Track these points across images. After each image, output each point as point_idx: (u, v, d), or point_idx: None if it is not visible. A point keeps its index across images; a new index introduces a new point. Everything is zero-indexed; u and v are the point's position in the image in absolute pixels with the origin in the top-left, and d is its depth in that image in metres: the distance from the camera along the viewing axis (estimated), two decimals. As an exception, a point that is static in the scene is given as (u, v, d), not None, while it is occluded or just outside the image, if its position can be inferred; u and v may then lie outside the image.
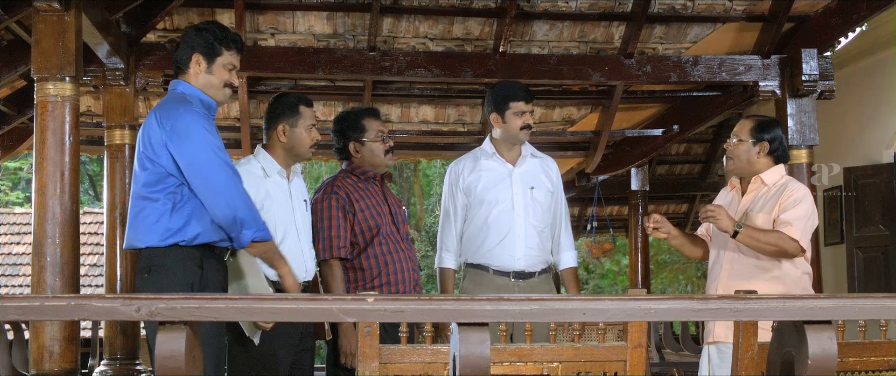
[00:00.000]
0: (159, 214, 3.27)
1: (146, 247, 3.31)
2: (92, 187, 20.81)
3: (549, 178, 4.56)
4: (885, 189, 8.01)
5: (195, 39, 3.45)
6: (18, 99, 6.77)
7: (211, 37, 3.45)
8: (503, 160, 4.50)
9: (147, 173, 3.31)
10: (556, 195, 4.58)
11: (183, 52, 3.46)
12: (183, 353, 1.81)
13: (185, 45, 3.47)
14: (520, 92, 4.47)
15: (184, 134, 3.26)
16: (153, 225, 3.28)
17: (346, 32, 6.35)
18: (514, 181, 4.46)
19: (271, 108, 4.01)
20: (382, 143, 4.31)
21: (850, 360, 3.00)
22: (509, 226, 4.40)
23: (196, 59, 3.43)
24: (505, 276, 4.39)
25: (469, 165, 4.52)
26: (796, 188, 3.97)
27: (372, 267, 4.22)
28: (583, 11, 6.39)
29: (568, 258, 4.60)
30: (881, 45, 8.08)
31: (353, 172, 4.31)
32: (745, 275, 3.92)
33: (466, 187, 4.48)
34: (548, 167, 4.60)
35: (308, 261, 4.00)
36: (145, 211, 3.30)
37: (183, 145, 3.26)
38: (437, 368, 2.82)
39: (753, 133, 4.04)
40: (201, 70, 3.44)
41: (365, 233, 4.20)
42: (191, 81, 3.44)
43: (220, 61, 3.45)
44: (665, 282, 17.67)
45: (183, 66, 3.45)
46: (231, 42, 3.49)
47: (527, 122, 4.45)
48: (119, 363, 5.73)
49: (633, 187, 9.30)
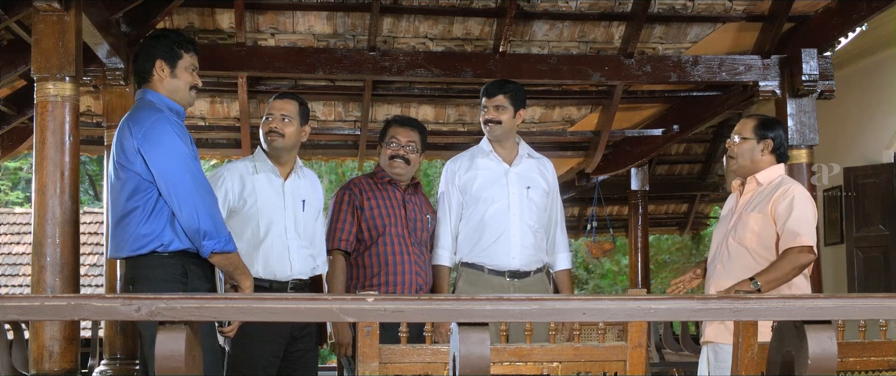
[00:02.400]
0: (138, 222, 3.30)
1: (128, 256, 3.34)
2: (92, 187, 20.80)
3: (545, 179, 4.56)
4: (885, 189, 8.01)
5: (155, 47, 3.48)
6: (18, 99, 6.77)
7: (169, 42, 3.49)
8: (499, 159, 4.50)
9: (121, 182, 3.34)
10: (551, 196, 4.58)
11: (144, 62, 3.48)
12: (183, 353, 1.81)
13: (144, 54, 3.49)
14: (486, 87, 4.51)
15: (156, 141, 3.28)
16: (132, 233, 3.30)
17: (346, 32, 6.35)
18: (511, 180, 4.47)
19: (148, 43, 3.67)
20: (389, 149, 4.42)
21: (850, 360, 2.99)
22: (505, 225, 4.40)
23: (159, 66, 3.45)
24: (500, 275, 4.39)
25: (465, 164, 4.53)
26: (790, 187, 3.94)
27: (373, 264, 4.30)
28: (583, 11, 6.39)
29: (562, 260, 4.60)
30: (881, 45, 8.08)
31: (374, 174, 4.48)
32: (737, 275, 3.92)
33: (462, 185, 4.49)
34: (544, 168, 4.60)
35: (294, 260, 4.00)
36: (125, 220, 3.32)
37: (154, 152, 3.28)
38: (437, 368, 2.82)
39: (757, 131, 4.02)
40: (166, 75, 3.46)
41: (371, 231, 4.30)
42: (157, 89, 3.46)
43: (181, 64, 3.48)
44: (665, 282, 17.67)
45: (146, 75, 3.47)
46: (188, 43, 3.54)
47: (489, 117, 4.46)
48: (119, 363, 5.73)
49: (633, 187, 9.29)
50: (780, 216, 3.86)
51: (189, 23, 6.19)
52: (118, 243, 3.37)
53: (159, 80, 3.46)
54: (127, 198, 3.31)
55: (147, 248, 3.29)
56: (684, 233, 12.18)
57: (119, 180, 3.35)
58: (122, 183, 3.33)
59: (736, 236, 3.97)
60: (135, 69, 3.51)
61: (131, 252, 3.31)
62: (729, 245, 3.99)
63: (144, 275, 3.30)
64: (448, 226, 4.50)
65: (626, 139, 8.20)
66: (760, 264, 3.90)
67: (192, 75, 3.51)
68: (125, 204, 3.32)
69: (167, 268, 3.30)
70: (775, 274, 3.74)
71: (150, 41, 3.52)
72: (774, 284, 3.73)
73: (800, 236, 3.76)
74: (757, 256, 3.92)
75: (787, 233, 3.80)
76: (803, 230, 3.79)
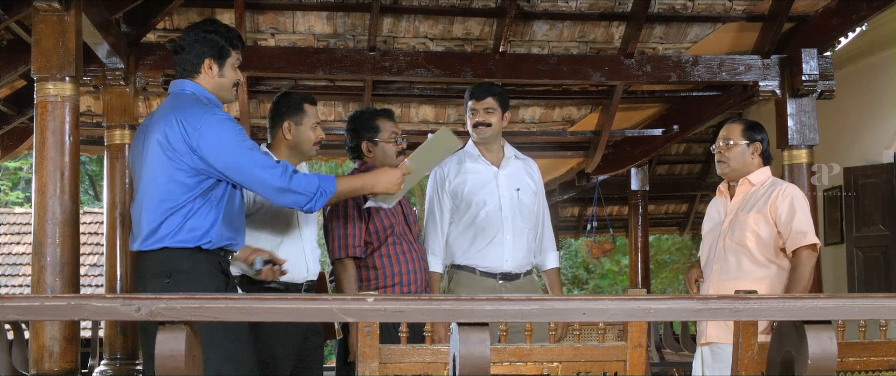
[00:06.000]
0: (186, 215, 3.23)
1: (168, 247, 3.23)
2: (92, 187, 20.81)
3: (532, 180, 4.58)
4: (885, 189, 8.02)
5: (204, 44, 3.39)
6: (18, 99, 6.77)
7: (219, 39, 3.40)
8: (487, 162, 4.50)
9: (165, 175, 3.24)
10: (538, 196, 4.59)
11: (192, 56, 3.39)
12: (183, 353, 1.81)
13: (192, 49, 3.39)
14: (474, 90, 4.49)
15: (215, 137, 3.22)
16: (179, 225, 3.22)
17: (346, 32, 6.35)
18: (501, 183, 4.47)
19: (276, 107, 4.00)
20: (395, 144, 4.31)
21: (850, 360, 3.00)
22: (497, 227, 4.39)
23: (208, 64, 3.38)
24: (492, 278, 4.38)
25: (454, 168, 4.51)
26: (786, 187, 4.04)
27: (386, 266, 4.21)
28: (583, 11, 6.39)
29: (551, 259, 4.60)
30: (881, 45, 8.08)
31: (366, 172, 4.31)
32: (737, 275, 3.96)
33: (453, 190, 4.47)
34: (530, 168, 4.62)
35: (310, 261, 4.00)
36: (171, 212, 3.23)
37: (217, 149, 3.22)
38: (437, 368, 2.82)
39: (746, 134, 4.12)
40: (214, 74, 3.39)
41: (379, 233, 4.19)
42: (202, 84, 3.39)
43: (229, 62, 3.42)
44: (665, 281, 17.68)
45: (192, 69, 3.39)
46: (237, 39, 3.47)
47: (479, 120, 4.45)
48: (119, 363, 5.73)
49: (633, 187, 9.30)
50: (782, 216, 3.94)
51: (189, 23, 6.18)
52: (156, 234, 3.23)
53: (208, 77, 3.39)
54: (175, 191, 3.22)
55: (193, 242, 3.23)
56: (684, 232, 12.19)
57: (162, 173, 3.24)
58: (166, 176, 3.23)
59: (733, 237, 4.02)
60: (178, 60, 3.40)
61: (176, 244, 3.22)
62: (726, 246, 4.03)
63: (187, 267, 3.22)
64: (439, 233, 4.46)
65: (626, 139, 8.21)
66: (761, 264, 3.95)
67: (237, 72, 3.47)
68: (172, 196, 3.22)
69: (212, 264, 3.27)
70: (803, 282, 3.87)
71: (200, 35, 3.41)
72: (805, 291, 3.87)
73: (807, 235, 3.91)
74: (757, 256, 3.96)
75: (796, 233, 3.91)
76: (809, 229, 3.93)
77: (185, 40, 3.42)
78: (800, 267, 3.89)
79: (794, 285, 3.87)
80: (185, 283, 3.17)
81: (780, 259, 3.97)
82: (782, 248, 3.96)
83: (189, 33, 3.45)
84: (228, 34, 3.45)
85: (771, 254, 3.96)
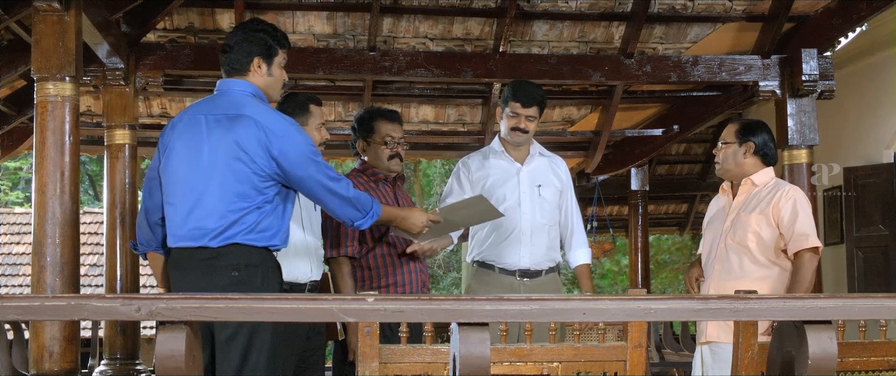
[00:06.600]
0: (260, 215, 3.24)
1: (234, 244, 3.22)
2: (92, 187, 20.80)
3: (557, 177, 4.56)
4: (885, 189, 8.01)
5: (252, 43, 3.38)
6: (18, 99, 6.77)
7: (267, 37, 3.41)
8: (511, 159, 4.50)
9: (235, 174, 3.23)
10: (565, 194, 4.58)
11: (240, 55, 3.37)
12: (183, 353, 1.81)
13: (241, 48, 3.38)
14: (522, 95, 4.43)
15: (296, 148, 3.25)
16: (253, 224, 3.23)
17: (346, 32, 6.35)
18: (522, 179, 4.46)
19: (281, 107, 3.99)
20: (387, 148, 4.31)
21: (850, 360, 3.00)
22: (515, 224, 4.38)
23: (257, 63, 3.37)
24: (510, 275, 4.39)
25: (478, 162, 4.53)
26: (789, 189, 4.04)
27: (379, 266, 4.24)
28: (583, 11, 6.39)
29: (581, 255, 4.61)
30: (881, 45, 8.08)
31: (364, 171, 4.35)
32: (738, 275, 3.97)
33: (474, 181, 4.48)
34: (556, 166, 4.60)
35: (314, 260, 4.00)
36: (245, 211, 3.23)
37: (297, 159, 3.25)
38: (437, 368, 2.82)
39: (738, 135, 4.14)
40: (263, 73, 3.39)
41: (374, 232, 4.21)
42: (254, 82, 3.38)
43: (276, 61, 3.43)
44: (665, 281, 17.67)
45: (241, 68, 3.38)
46: (284, 39, 3.48)
47: (518, 125, 4.42)
48: (119, 363, 5.73)
49: (633, 187, 9.29)
50: (784, 218, 3.95)
51: (189, 23, 6.18)
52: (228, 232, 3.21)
53: (256, 75, 3.38)
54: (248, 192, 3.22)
55: (263, 242, 3.25)
56: (684, 232, 12.18)
57: (232, 173, 3.22)
58: (237, 176, 3.22)
59: (734, 237, 4.02)
60: (226, 59, 3.39)
61: (248, 241, 3.23)
62: (727, 245, 4.04)
63: (257, 262, 3.24)
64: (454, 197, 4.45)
65: (626, 139, 8.21)
66: (762, 264, 3.96)
67: (283, 71, 3.48)
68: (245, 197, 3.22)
69: (275, 262, 3.32)
70: (805, 285, 3.88)
71: (248, 34, 3.41)
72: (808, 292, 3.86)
73: (809, 238, 3.91)
74: (758, 256, 3.97)
75: (798, 236, 3.92)
76: (812, 231, 3.94)
77: (232, 39, 3.43)
78: (801, 270, 3.91)
79: (796, 288, 3.88)
80: (255, 277, 3.22)
81: (782, 260, 3.97)
82: (783, 250, 3.97)
83: (236, 32, 3.46)
84: (275, 33, 3.46)
85: (772, 255, 3.97)
